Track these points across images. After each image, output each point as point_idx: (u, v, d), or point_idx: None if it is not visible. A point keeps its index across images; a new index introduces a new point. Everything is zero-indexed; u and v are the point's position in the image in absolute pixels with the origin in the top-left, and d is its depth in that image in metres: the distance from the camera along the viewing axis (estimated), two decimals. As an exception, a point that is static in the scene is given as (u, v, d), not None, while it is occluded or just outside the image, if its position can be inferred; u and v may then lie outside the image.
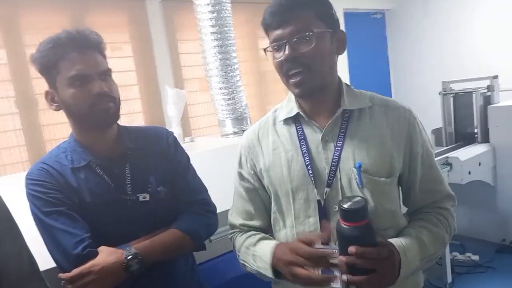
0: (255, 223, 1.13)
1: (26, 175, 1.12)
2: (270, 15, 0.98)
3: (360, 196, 0.91)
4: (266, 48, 1.02)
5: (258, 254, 1.04)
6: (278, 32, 0.97)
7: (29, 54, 1.12)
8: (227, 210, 1.20)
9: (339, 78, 1.07)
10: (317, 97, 1.03)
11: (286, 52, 0.96)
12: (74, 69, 1.06)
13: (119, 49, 3.32)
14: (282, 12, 0.97)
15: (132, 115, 3.35)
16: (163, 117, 3.44)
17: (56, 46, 1.07)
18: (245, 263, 1.09)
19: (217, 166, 1.87)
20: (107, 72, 1.12)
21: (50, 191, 1.07)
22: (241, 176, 1.14)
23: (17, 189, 1.31)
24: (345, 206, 0.85)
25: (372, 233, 0.86)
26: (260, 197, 1.12)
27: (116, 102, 1.13)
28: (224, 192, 1.37)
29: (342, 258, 0.85)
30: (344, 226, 0.85)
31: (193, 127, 3.67)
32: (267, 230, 1.14)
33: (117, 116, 1.15)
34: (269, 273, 1.00)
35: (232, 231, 1.17)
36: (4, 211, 1.03)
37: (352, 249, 0.83)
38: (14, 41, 2.84)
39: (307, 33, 0.96)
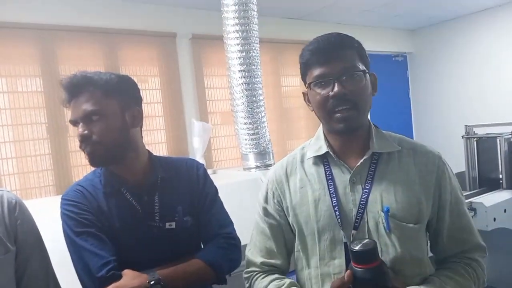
0: (276, 261, 1.10)
1: (62, 196, 1.17)
2: (315, 52, 0.99)
3: (370, 239, 0.91)
4: (310, 83, 1.01)
5: None
6: (324, 68, 0.97)
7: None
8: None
9: (369, 120, 1.08)
10: (348, 137, 1.04)
11: (336, 89, 0.96)
12: (70, 115, 1.13)
13: (147, 81, 3.46)
14: (329, 49, 0.98)
15: (156, 145, 3.44)
16: (186, 148, 3.51)
17: (66, 93, 1.13)
18: None
19: (239, 199, 1.89)
20: (92, 114, 1.10)
21: (83, 212, 1.12)
22: (266, 212, 1.12)
23: (44, 213, 1.35)
24: (355, 248, 0.84)
25: (384, 275, 0.85)
26: (283, 234, 1.10)
27: (104, 144, 1.10)
28: (245, 226, 1.38)
29: None
30: (356, 268, 0.84)
31: (215, 159, 3.73)
32: (286, 270, 1.11)
33: (107, 158, 1.13)
34: None
35: (250, 269, 1.13)
36: (35, 231, 1.07)
37: None
38: (50, 71, 3.02)
39: (358, 72, 0.98)
